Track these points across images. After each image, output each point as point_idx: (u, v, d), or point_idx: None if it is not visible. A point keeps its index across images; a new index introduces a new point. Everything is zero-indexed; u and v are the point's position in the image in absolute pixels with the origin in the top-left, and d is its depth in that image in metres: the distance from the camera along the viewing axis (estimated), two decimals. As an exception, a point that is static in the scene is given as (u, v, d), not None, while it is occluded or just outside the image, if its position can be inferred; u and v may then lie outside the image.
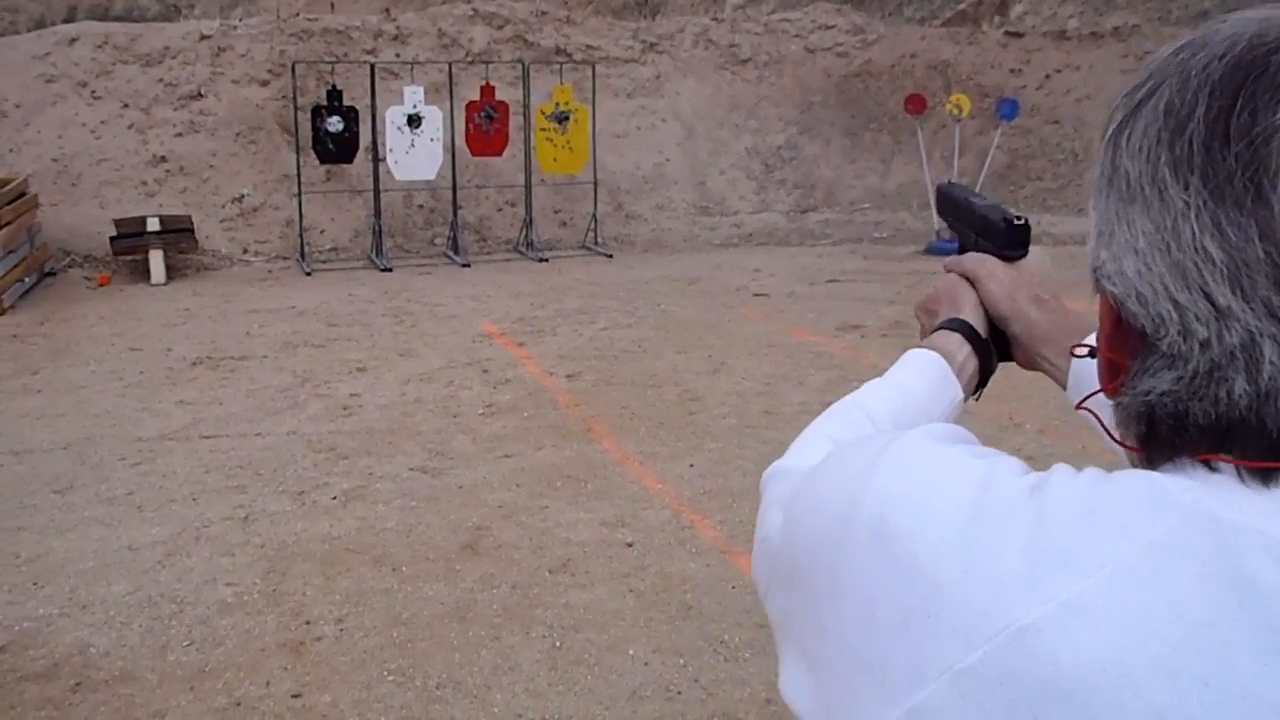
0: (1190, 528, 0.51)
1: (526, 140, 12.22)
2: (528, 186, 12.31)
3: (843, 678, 0.56)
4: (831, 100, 15.13)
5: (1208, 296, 0.52)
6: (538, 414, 6.46)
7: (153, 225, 10.52)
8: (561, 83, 12.44)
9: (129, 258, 10.56)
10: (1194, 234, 0.52)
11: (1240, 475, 0.54)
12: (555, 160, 12.30)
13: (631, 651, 3.83)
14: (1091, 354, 0.66)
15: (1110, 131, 0.59)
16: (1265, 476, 0.53)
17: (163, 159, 11.85)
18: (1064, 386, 1.04)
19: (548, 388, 7.00)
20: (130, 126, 11.94)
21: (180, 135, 12.06)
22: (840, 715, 0.56)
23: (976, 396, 1.05)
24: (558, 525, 4.88)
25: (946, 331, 1.05)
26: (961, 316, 1.06)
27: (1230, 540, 0.50)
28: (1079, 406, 0.73)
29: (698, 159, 14.27)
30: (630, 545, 4.66)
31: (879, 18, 17.33)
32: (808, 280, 10.73)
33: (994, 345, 1.06)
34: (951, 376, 1.01)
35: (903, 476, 0.60)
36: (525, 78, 12.25)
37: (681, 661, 3.74)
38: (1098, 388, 0.65)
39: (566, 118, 12.25)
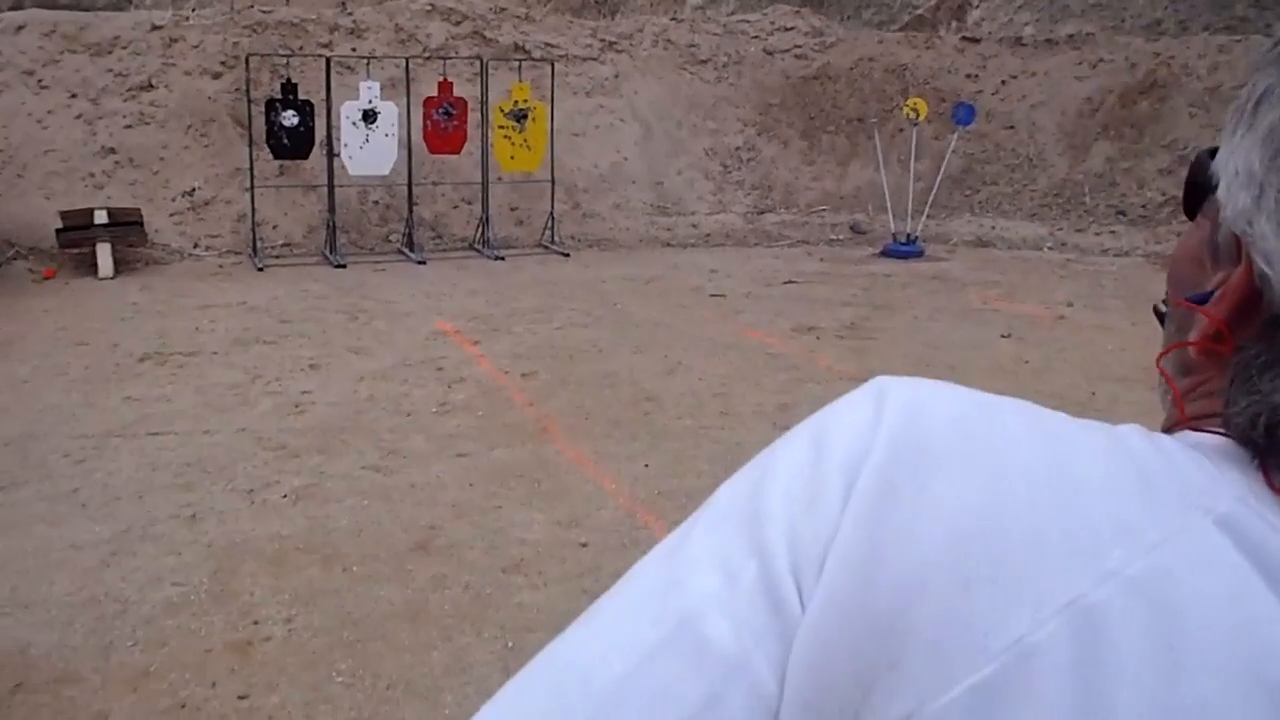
0: (1245, 509, 0.49)
1: (484, 138, 12.16)
2: (484, 184, 12.24)
3: (882, 648, 0.48)
4: (789, 102, 15.20)
5: None
6: (492, 413, 6.41)
7: (100, 218, 10.34)
8: (520, 80, 12.39)
9: (76, 251, 10.37)
10: None
11: None
12: (513, 158, 12.25)
13: (585, 652, 3.80)
14: (1194, 302, 0.58)
15: (1266, 68, 0.52)
16: None
17: (112, 150, 11.65)
18: None
19: (502, 386, 6.96)
20: (78, 117, 11.73)
21: (130, 127, 11.87)
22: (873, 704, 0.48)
23: None
24: (511, 525, 4.84)
25: None
26: None
27: (1270, 550, 0.48)
28: (1159, 361, 0.63)
29: (656, 159, 14.27)
30: (584, 545, 4.64)
31: (838, 21, 17.44)
32: (764, 281, 10.76)
33: None
34: None
35: (942, 404, 0.53)
36: (483, 75, 12.19)
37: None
38: (1180, 342, 0.59)
39: (524, 116, 12.20)
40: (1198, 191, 0.59)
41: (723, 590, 0.50)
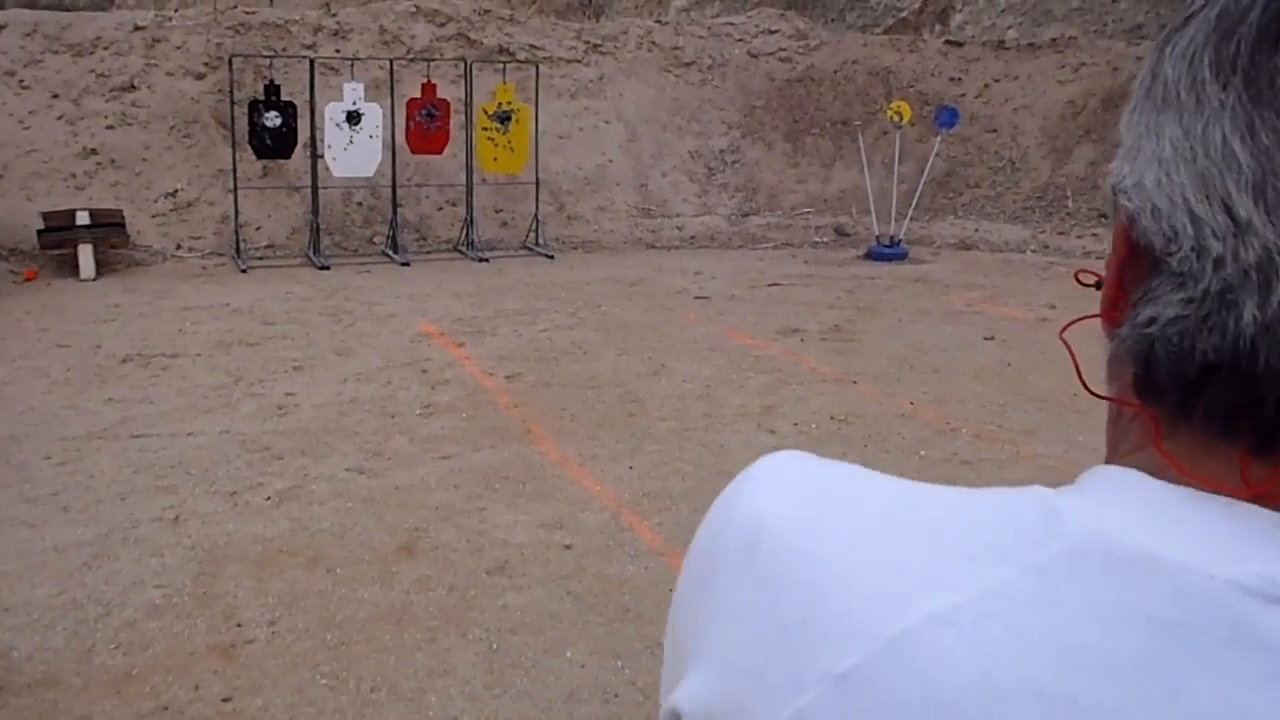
0: (1080, 558, 0.49)
1: (468, 139, 12.14)
2: (469, 186, 12.23)
3: (726, 690, 0.55)
4: (774, 105, 15.23)
5: (1228, 209, 0.49)
6: (476, 415, 6.40)
7: (82, 219, 10.29)
8: (504, 82, 12.38)
9: (57, 252, 10.31)
10: (1224, 137, 0.49)
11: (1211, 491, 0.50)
12: (495, 160, 12.25)
13: (569, 654, 3.80)
14: (1097, 285, 0.61)
15: (1158, 43, 0.55)
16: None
17: (93, 151, 11.60)
18: None
19: (487, 388, 6.95)
20: (60, 117, 11.67)
21: (112, 127, 11.81)
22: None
23: None
24: (495, 527, 4.84)
25: None
26: None
27: (1122, 572, 0.48)
28: (1062, 333, 0.66)
29: (640, 161, 14.28)
30: (569, 547, 4.64)
31: (822, 24, 17.49)
32: (748, 284, 10.78)
33: None
34: None
35: (774, 488, 0.59)
36: (468, 76, 12.18)
37: (619, 664, 3.72)
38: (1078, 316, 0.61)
39: (508, 117, 12.20)
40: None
41: None
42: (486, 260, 11.74)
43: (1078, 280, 0.68)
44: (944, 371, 7.46)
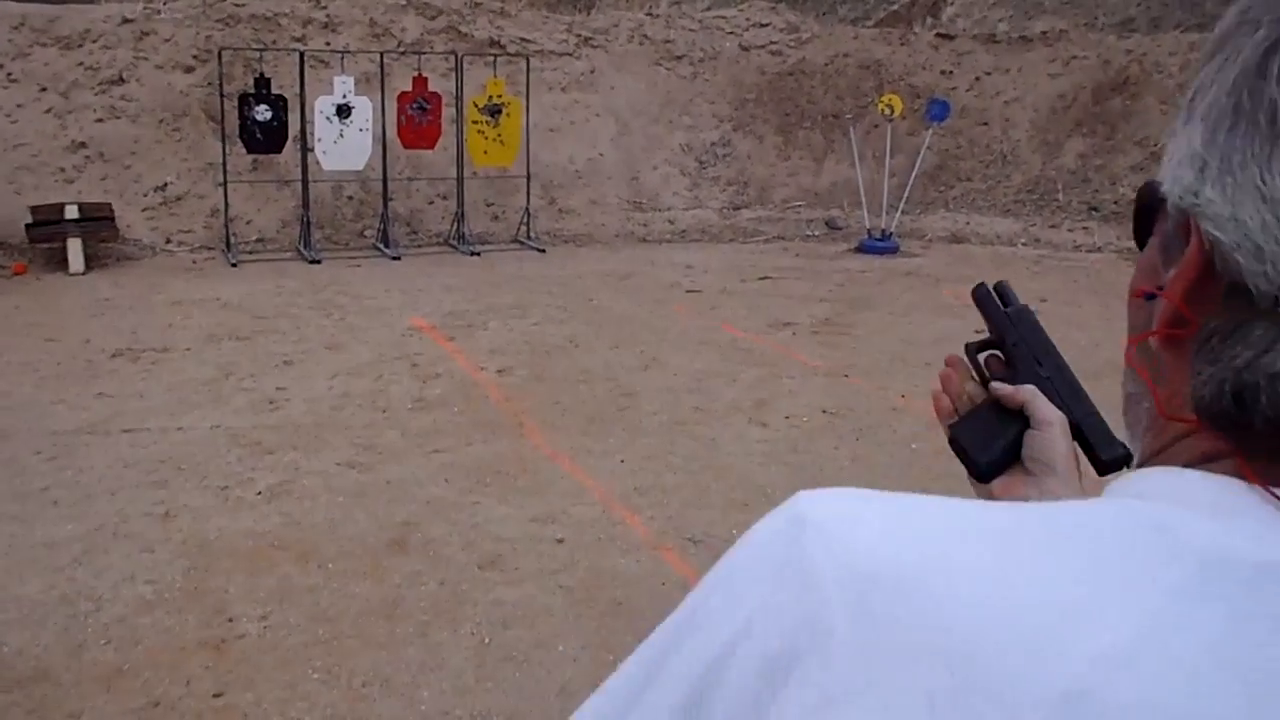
0: (1210, 571, 0.47)
1: (459, 132, 12.11)
2: (460, 179, 12.20)
3: None
4: (765, 98, 15.22)
5: None
6: (468, 409, 6.40)
7: (71, 213, 10.25)
8: (495, 75, 12.35)
9: (46, 246, 10.27)
10: None
11: None
12: (486, 153, 12.22)
13: (561, 648, 3.81)
14: (1149, 297, 0.57)
15: (1260, 46, 0.50)
16: None
17: (82, 145, 11.54)
18: None
19: (478, 382, 6.95)
20: (48, 111, 11.60)
21: (101, 121, 11.76)
22: None
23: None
24: (487, 521, 4.83)
25: None
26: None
27: (1260, 583, 0.46)
28: (1131, 356, 0.60)
29: (631, 154, 14.26)
30: (560, 541, 4.64)
31: (813, 17, 17.47)
32: (740, 277, 10.78)
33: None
34: None
35: (857, 535, 0.50)
36: (458, 69, 12.14)
37: (611, 658, 3.72)
38: (1148, 330, 0.58)
39: (499, 110, 12.17)
40: (1148, 216, 0.59)
41: None
42: (478, 254, 11.72)
43: (1138, 295, 0.61)
44: (936, 365, 7.40)
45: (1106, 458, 0.94)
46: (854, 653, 0.47)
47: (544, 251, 12.05)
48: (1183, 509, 0.50)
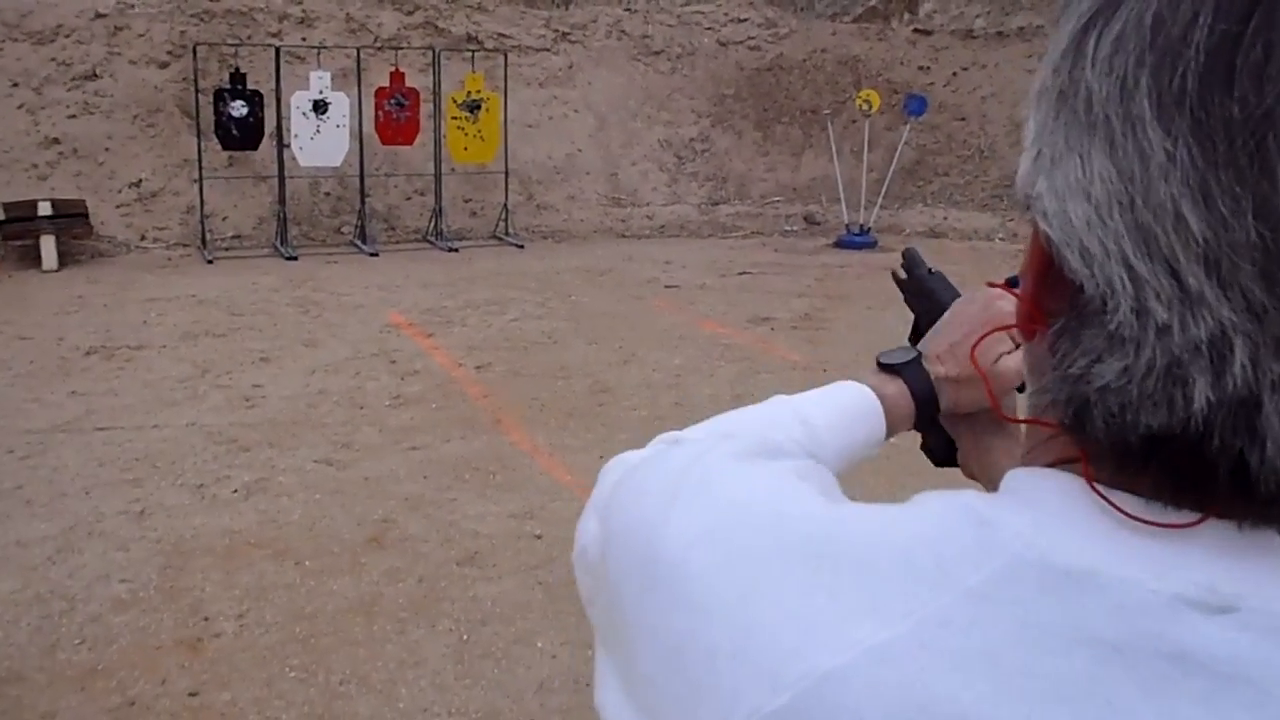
0: (1016, 577, 0.46)
1: (437, 129, 12.07)
2: (437, 175, 12.16)
3: (654, 710, 0.53)
4: (743, 93, 15.22)
5: (1175, 275, 0.42)
6: (446, 405, 6.37)
7: (44, 209, 10.15)
8: (473, 71, 12.31)
9: (19, 243, 10.17)
10: (1172, 197, 0.42)
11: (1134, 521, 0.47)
12: (466, 149, 12.18)
13: (540, 644, 3.80)
14: (1011, 282, 0.57)
15: (1072, 28, 0.46)
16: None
17: (55, 141, 11.43)
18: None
19: (456, 379, 6.92)
20: (20, 107, 11.49)
21: (74, 117, 11.65)
22: None
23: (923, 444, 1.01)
24: (465, 518, 4.82)
25: (892, 378, 0.95)
26: (933, 369, 0.93)
27: (1059, 590, 0.45)
28: (973, 351, 0.64)
29: (610, 150, 14.24)
30: (539, 537, 4.63)
31: (791, 12, 17.47)
32: (719, 272, 10.78)
33: (938, 442, 1.00)
34: (875, 419, 0.92)
35: (703, 512, 0.56)
36: (436, 65, 12.09)
37: (590, 654, 3.67)
38: (1003, 281, 0.57)
39: (478, 106, 12.13)
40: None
41: None
42: (456, 250, 11.68)
43: (989, 285, 0.66)
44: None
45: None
46: (661, 601, 0.54)
47: (522, 247, 12.02)
48: (1020, 509, 0.50)
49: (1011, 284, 0.56)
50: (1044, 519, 0.48)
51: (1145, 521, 0.46)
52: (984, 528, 0.49)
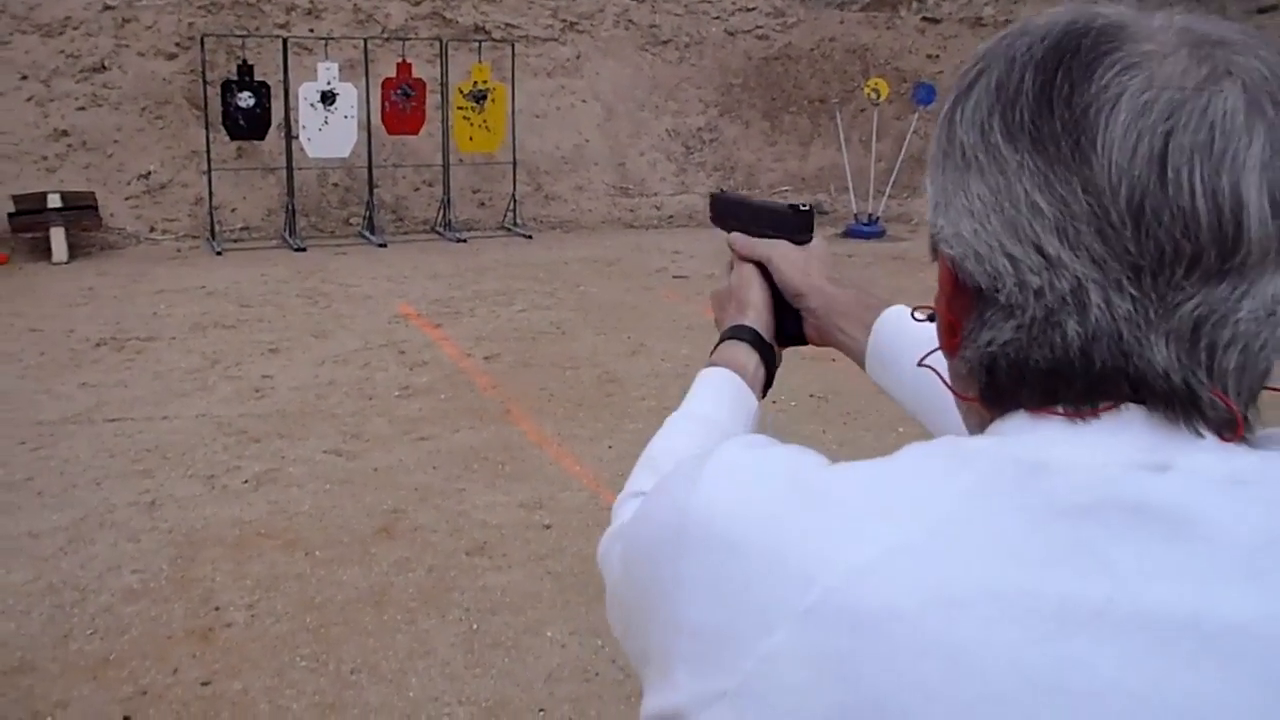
0: (997, 473, 0.57)
1: (444, 119, 12.06)
2: (445, 166, 12.15)
3: (705, 658, 0.59)
4: (751, 83, 15.18)
5: (1039, 249, 0.58)
6: (455, 396, 6.38)
7: (54, 202, 10.17)
8: (480, 61, 12.29)
9: (29, 235, 10.19)
10: (1025, 192, 0.58)
11: (1068, 419, 0.60)
12: (471, 139, 12.16)
13: (549, 634, 3.81)
14: (930, 318, 0.72)
15: (945, 110, 0.66)
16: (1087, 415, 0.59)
17: (64, 133, 11.45)
18: (861, 360, 1.14)
19: (465, 369, 6.93)
20: (29, 99, 11.50)
21: (83, 109, 11.66)
22: (697, 687, 0.59)
23: (761, 397, 1.11)
24: (475, 508, 4.83)
25: (734, 343, 1.13)
26: (746, 322, 1.15)
27: (1033, 477, 0.56)
28: (921, 363, 0.79)
29: (618, 140, 14.22)
30: (548, 527, 4.64)
31: (799, 1, 17.42)
32: (727, 262, 10.76)
33: (785, 326, 1.15)
34: (746, 390, 1.08)
35: (725, 482, 0.64)
36: (443, 55, 12.08)
37: (599, 643, 3.72)
38: (935, 347, 0.72)
39: (484, 96, 12.12)
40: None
41: None
42: (464, 241, 11.68)
43: (913, 316, 0.84)
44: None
45: (797, 220, 1.16)
46: (696, 559, 0.62)
47: (530, 238, 12.02)
48: (984, 436, 0.64)
49: (930, 319, 0.72)
50: (1006, 436, 0.62)
51: (1078, 414, 0.59)
52: (960, 445, 0.61)
